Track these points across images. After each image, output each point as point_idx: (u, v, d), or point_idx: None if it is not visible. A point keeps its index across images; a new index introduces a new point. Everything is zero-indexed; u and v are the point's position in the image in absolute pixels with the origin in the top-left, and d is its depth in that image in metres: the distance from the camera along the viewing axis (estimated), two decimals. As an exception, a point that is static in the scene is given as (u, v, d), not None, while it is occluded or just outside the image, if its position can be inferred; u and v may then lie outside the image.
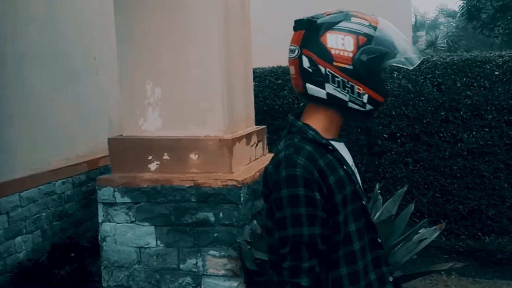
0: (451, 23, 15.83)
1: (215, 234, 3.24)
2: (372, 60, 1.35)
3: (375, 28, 1.37)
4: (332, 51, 1.35)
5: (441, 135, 4.95)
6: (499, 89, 4.77)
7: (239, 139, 3.45)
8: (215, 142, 3.32)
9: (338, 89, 1.36)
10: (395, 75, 5.15)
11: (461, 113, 4.87)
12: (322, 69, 1.36)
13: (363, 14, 1.42)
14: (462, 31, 11.52)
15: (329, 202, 1.34)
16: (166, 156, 3.40)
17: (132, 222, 3.38)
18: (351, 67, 1.34)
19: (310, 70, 1.37)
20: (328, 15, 1.40)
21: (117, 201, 3.39)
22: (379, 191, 3.18)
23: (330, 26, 1.36)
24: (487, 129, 4.80)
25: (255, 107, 5.64)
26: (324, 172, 1.34)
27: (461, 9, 8.22)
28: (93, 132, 5.37)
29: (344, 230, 1.36)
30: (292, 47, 1.42)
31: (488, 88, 4.80)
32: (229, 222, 3.22)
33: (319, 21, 1.38)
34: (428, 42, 14.32)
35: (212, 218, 3.24)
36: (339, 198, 1.36)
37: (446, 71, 4.94)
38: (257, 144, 3.81)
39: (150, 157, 3.42)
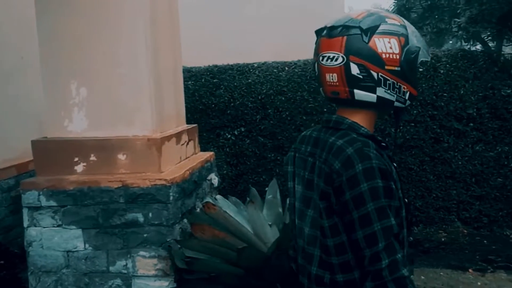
0: (385, 22, 16.41)
1: (145, 235, 3.23)
2: (415, 58, 1.39)
3: (405, 27, 1.40)
4: (383, 56, 1.35)
5: (371, 130, 5.13)
6: (423, 85, 5.00)
7: (168, 138, 3.44)
8: (143, 142, 3.30)
9: (388, 91, 1.38)
10: (326, 73, 5.29)
11: (389, 109, 5.06)
12: (375, 74, 1.36)
13: (387, 12, 1.44)
14: (396, 30, 11.97)
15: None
16: (93, 157, 3.35)
17: (58, 225, 3.31)
18: (399, 68, 1.37)
19: (360, 76, 1.36)
20: (362, 17, 1.39)
21: (42, 204, 3.30)
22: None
23: (374, 30, 1.36)
24: (413, 124, 5.02)
25: (191, 106, 5.65)
26: (389, 166, 1.35)
27: (392, 8, 8.52)
28: (22, 134, 5.15)
29: (406, 227, 1.37)
30: (332, 55, 1.38)
31: (413, 85, 5.01)
32: (158, 222, 3.21)
33: (363, 26, 1.36)
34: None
35: (141, 219, 3.22)
36: (400, 192, 1.36)
37: (374, 69, 5.12)
38: (188, 143, 3.81)
39: (76, 159, 3.35)
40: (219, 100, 5.61)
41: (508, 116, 4.94)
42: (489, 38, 6.47)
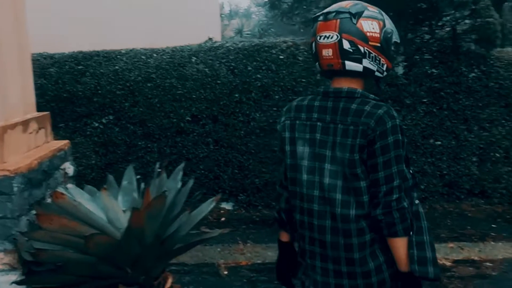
0: (262, 12, 16.98)
1: (-12, 229, 3.06)
2: (391, 37, 1.79)
3: (381, 14, 1.81)
4: (368, 34, 1.75)
5: (237, 115, 5.31)
6: (284, 71, 5.27)
7: (12, 126, 3.28)
8: (-17, 131, 3.11)
9: (371, 63, 1.77)
10: (193, 60, 5.35)
11: (253, 94, 5.27)
12: (361, 48, 1.75)
13: (366, 3, 1.81)
14: (271, 19, 12.45)
15: None
16: None
17: None
18: (379, 44, 1.77)
19: (351, 50, 1.74)
20: (350, 6, 1.77)
21: None
22: (159, 170, 3.31)
23: (361, 15, 1.75)
24: (275, 108, 5.27)
25: (55, 94, 5.42)
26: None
27: (267, -1, 8.75)
28: None
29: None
30: (328, 34, 1.75)
31: (275, 71, 5.27)
32: (2, 215, 3.06)
33: (352, 11, 1.74)
34: (236, 29, 15.63)
35: (-17, 212, 3.05)
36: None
37: (239, 56, 5.29)
38: (37, 131, 3.66)
39: None
40: (85, 88, 5.44)
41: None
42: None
